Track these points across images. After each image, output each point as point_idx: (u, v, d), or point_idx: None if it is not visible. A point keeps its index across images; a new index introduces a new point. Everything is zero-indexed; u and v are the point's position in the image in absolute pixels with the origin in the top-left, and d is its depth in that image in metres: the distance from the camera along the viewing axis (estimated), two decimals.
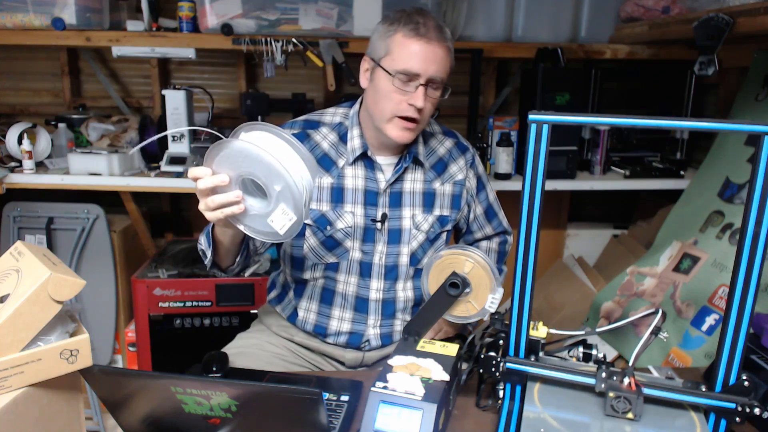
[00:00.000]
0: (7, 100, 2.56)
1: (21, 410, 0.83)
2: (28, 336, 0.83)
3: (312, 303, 1.35)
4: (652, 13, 2.12)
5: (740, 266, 0.85)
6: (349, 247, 1.30)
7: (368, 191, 1.29)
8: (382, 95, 1.21)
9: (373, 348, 1.36)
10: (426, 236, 1.34)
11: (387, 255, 1.32)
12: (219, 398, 0.81)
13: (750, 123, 0.82)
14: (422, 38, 1.18)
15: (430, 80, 1.20)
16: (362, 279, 1.32)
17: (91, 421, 2.19)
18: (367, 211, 1.29)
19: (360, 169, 1.29)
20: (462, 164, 1.39)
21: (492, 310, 1.07)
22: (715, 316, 1.65)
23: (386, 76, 1.20)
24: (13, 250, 0.93)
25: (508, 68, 2.65)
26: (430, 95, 1.21)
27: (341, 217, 1.28)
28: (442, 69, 1.21)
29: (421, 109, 1.20)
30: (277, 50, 2.11)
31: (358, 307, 1.33)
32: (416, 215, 1.33)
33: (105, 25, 2.18)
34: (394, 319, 1.36)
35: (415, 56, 1.18)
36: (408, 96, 1.19)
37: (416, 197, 1.33)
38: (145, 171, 2.16)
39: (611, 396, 0.91)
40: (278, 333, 1.40)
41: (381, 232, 1.30)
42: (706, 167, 2.06)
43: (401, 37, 1.19)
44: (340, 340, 1.35)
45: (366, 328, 1.34)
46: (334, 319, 1.34)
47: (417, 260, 1.35)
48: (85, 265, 2.25)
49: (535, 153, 0.89)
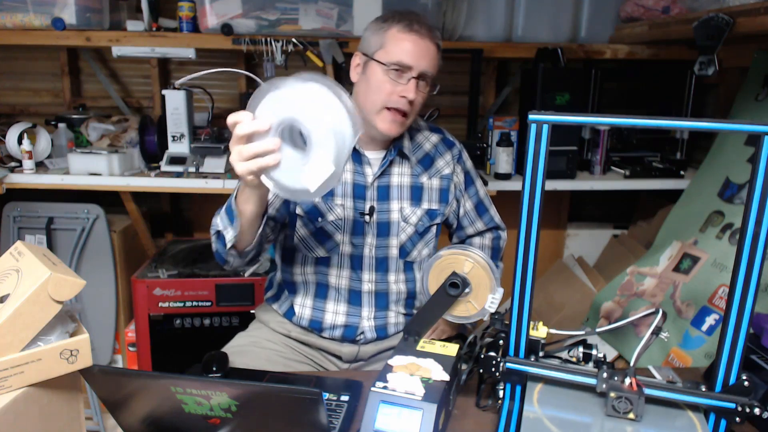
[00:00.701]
0: (7, 100, 2.56)
1: (21, 410, 0.83)
2: (28, 336, 0.83)
3: (306, 298, 1.37)
4: (652, 13, 2.12)
5: (740, 266, 0.85)
6: (339, 241, 1.33)
7: (356, 184, 1.32)
8: (373, 87, 1.25)
9: (368, 341, 1.38)
10: (415, 229, 1.37)
11: (377, 247, 1.35)
12: (219, 398, 0.81)
13: (750, 123, 0.82)
14: (416, 33, 1.24)
15: (422, 74, 1.24)
16: (354, 272, 1.35)
17: (91, 421, 2.19)
18: (356, 204, 1.32)
19: (348, 163, 1.32)
20: (449, 159, 1.41)
21: (492, 310, 1.07)
22: (715, 316, 1.65)
23: (380, 68, 1.24)
24: (13, 250, 0.93)
25: (508, 68, 2.65)
26: (420, 89, 1.26)
27: (332, 210, 1.31)
28: (432, 64, 1.26)
29: (411, 101, 1.24)
30: (277, 50, 2.11)
31: (352, 300, 1.36)
32: (404, 208, 1.35)
33: (105, 25, 2.18)
34: (388, 310, 1.39)
35: (409, 50, 1.23)
36: (400, 88, 1.24)
37: (404, 191, 1.36)
38: (145, 171, 2.16)
39: (612, 396, 0.91)
40: (276, 329, 1.41)
41: (370, 224, 1.33)
42: (706, 167, 2.06)
43: (396, 32, 1.24)
44: (335, 334, 1.36)
45: (360, 320, 1.36)
46: (329, 313, 1.36)
47: (406, 252, 1.38)
48: (85, 265, 2.25)
49: (535, 153, 0.89)
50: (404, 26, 1.24)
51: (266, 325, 1.43)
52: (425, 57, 1.24)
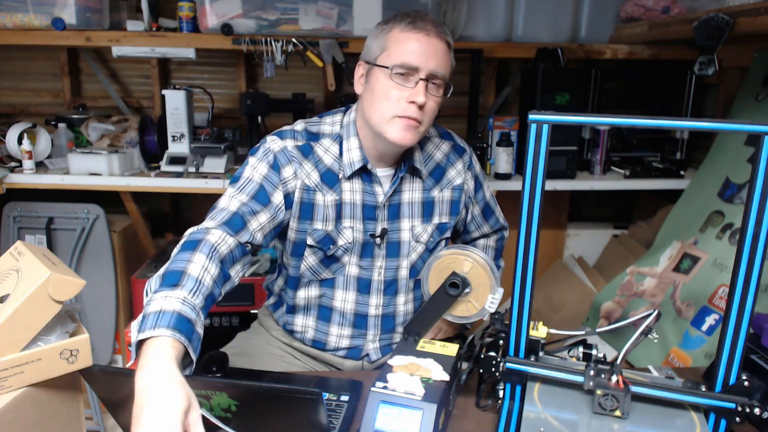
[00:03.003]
0: (7, 100, 2.56)
1: (21, 410, 0.83)
2: (28, 336, 0.83)
3: (309, 319, 1.31)
4: (652, 13, 2.12)
5: (740, 266, 0.85)
6: (345, 262, 1.24)
7: (366, 205, 1.22)
8: (379, 95, 1.13)
9: (372, 361, 1.34)
10: (425, 247, 1.30)
11: (386, 269, 1.27)
12: (219, 398, 0.81)
13: (750, 123, 0.82)
14: (420, 31, 1.11)
15: (431, 75, 1.12)
16: (360, 295, 1.27)
17: (91, 421, 2.19)
18: (366, 227, 1.23)
19: (357, 183, 1.21)
20: (460, 168, 1.33)
21: (492, 310, 1.07)
22: (715, 316, 1.65)
23: (384, 74, 1.12)
24: (13, 250, 0.93)
25: (508, 68, 2.65)
26: (431, 93, 1.13)
27: (341, 234, 1.22)
28: (442, 64, 1.14)
29: (422, 106, 1.11)
30: (277, 50, 2.11)
31: (357, 324, 1.29)
32: (415, 227, 1.27)
33: (105, 25, 2.18)
34: (394, 333, 1.34)
35: (414, 49, 1.11)
36: (408, 92, 1.11)
37: (415, 208, 1.27)
38: (145, 171, 2.16)
39: (599, 393, 0.91)
40: (277, 338, 1.38)
41: (380, 247, 1.25)
42: (706, 167, 2.06)
43: (398, 32, 1.12)
44: (339, 353, 1.33)
45: (365, 342, 1.31)
46: (333, 336, 1.30)
47: (417, 272, 1.30)
48: (85, 265, 2.24)
49: (535, 153, 0.89)
50: (407, 24, 1.11)
51: (268, 332, 1.40)
52: (433, 56, 1.11)
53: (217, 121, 2.51)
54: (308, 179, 1.18)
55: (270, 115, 2.28)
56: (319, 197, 1.19)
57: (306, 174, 1.18)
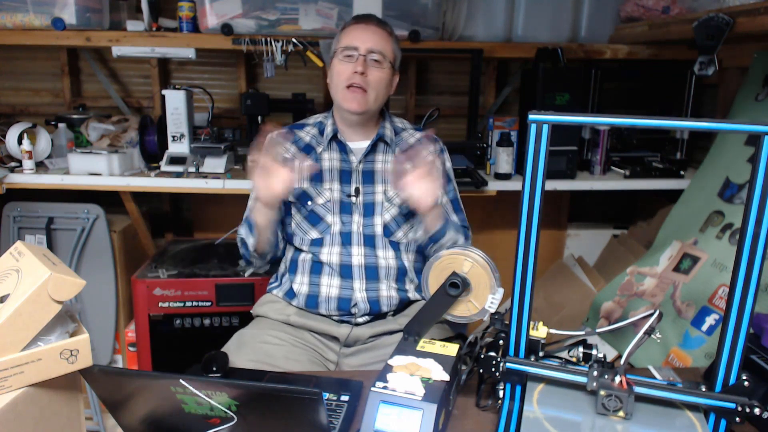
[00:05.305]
0: (7, 100, 2.56)
1: (21, 410, 0.83)
2: (28, 336, 0.83)
3: (303, 276, 1.47)
4: (652, 13, 2.12)
5: (740, 266, 0.85)
6: (330, 222, 1.45)
7: (343, 170, 1.47)
8: (335, 76, 1.42)
9: (362, 313, 1.42)
10: (399, 210, 1.46)
11: (364, 225, 1.46)
12: (219, 398, 0.81)
13: (750, 123, 0.82)
14: (361, 22, 1.44)
15: (369, 51, 1.39)
16: (344, 247, 1.45)
17: (91, 421, 2.19)
18: (343, 187, 1.46)
19: (335, 153, 1.48)
20: (432, 150, 1.48)
21: (492, 310, 1.07)
22: (715, 316, 1.65)
23: (336, 59, 1.42)
24: (13, 250, 0.93)
25: (508, 68, 2.65)
26: (373, 66, 1.40)
27: (321, 194, 1.45)
28: (380, 44, 1.41)
29: (363, 73, 1.37)
30: (277, 50, 2.11)
31: (344, 273, 1.44)
32: (388, 190, 1.46)
33: (105, 25, 2.18)
34: (379, 283, 1.45)
35: (355, 35, 1.41)
36: (351, 65, 1.39)
37: (388, 175, 1.47)
38: (145, 171, 2.16)
39: (602, 394, 0.91)
40: (274, 318, 1.46)
41: (356, 204, 1.45)
42: (706, 167, 2.07)
43: (346, 28, 1.44)
44: (331, 308, 1.43)
45: (353, 292, 1.43)
46: (323, 287, 1.45)
47: (390, 232, 1.47)
48: (85, 265, 2.25)
49: (535, 153, 0.89)
50: (352, 21, 1.45)
51: (265, 316, 1.48)
52: (370, 38, 1.40)
53: (217, 121, 2.51)
54: (287, 153, 1.49)
55: (270, 115, 2.28)
56: (296, 163, 1.45)
57: (285, 149, 1.49)
